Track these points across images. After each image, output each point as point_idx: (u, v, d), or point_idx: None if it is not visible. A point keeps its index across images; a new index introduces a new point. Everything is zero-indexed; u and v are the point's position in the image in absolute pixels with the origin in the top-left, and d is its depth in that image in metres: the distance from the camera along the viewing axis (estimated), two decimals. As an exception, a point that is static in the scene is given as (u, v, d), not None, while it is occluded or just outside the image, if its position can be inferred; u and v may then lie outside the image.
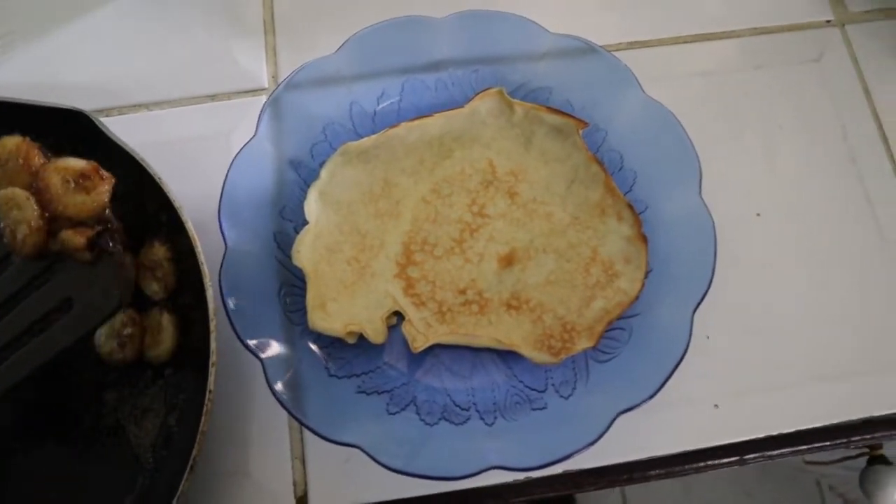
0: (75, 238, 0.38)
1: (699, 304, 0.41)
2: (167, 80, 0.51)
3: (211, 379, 0.39)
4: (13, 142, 0.40)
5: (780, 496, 1.26)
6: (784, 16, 0.53)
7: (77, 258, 0.38)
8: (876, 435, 0.47)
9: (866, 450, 0.64)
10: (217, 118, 0.50)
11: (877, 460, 0.63)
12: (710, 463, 0.44)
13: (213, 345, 0.39)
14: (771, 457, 0.46)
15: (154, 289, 0.43)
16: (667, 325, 0.41)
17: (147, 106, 0.50)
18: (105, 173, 0.40)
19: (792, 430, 0.44)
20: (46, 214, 0.39)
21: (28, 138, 0.40)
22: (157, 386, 0.43)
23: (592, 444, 0.38)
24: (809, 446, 0.46)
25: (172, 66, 0.51)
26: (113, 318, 0.42)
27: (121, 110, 0.50)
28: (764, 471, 1.18)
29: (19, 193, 0.39)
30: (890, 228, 0.48)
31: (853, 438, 0.47)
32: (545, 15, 0.47)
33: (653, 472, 0.44)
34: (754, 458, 0.45)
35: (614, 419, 0.39)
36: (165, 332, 0.42)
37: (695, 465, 0.45)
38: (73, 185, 0.39)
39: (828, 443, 0.46)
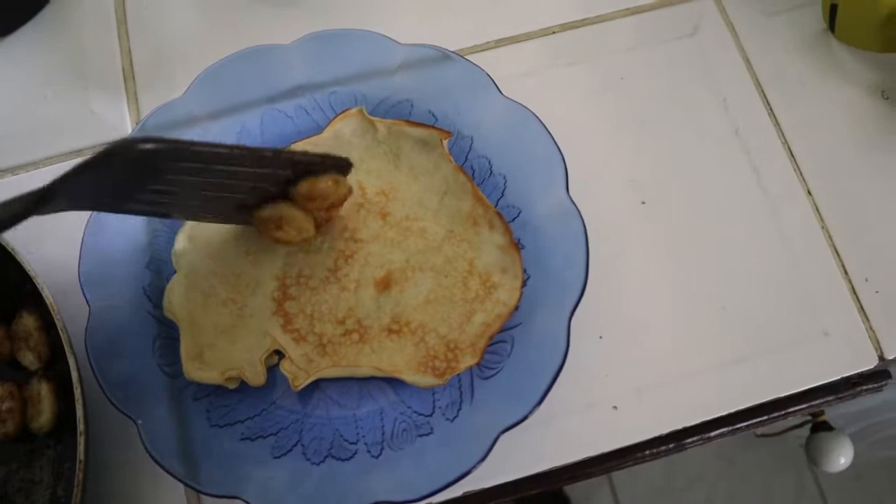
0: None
1: (575, 308, 0.39)
2: (29, 141, 0.49)
3: (80, 449, 0.38)
4: None
5: (762, 460, 1.25)
6: (655, -8, 0.52)
7: None
8: (813, 403, 0.46)
9: (809, 418, 0.63)
10: (83, 173, 0.48)
11: (820, 427, 0.62)
12: (647, 453, 0.44)
13: (79, 413, 0.38)
14: (709, 438, 0.45)
15: (29, 359, 0.43)
16: (545, 333, 0.40)
17: (11, 170, 0.49)
18: None
19: (696, 422, 0.43)
20: None
21: None
22: (45, 457, 0.43)
23: (476, 466, 0.37)
24: (748, 423, 0.45)
25: (32, 127, 0.50)
26: None
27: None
28: (745, 438, 1.18)
29: None
30: (779, 197, 0.47)
31: (789, 409, 0.46)
32: (395, 28, 0.45)
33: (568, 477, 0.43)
34: (692, 441, 0.44)
35: (497, 438, 0.38)
36: (45, 402, 0.42)
37: (626, 461, 0.44)
38: None
39: (765, 417, 0.46)
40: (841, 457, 0.61)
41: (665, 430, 0.43)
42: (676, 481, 1.26)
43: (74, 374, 0.39)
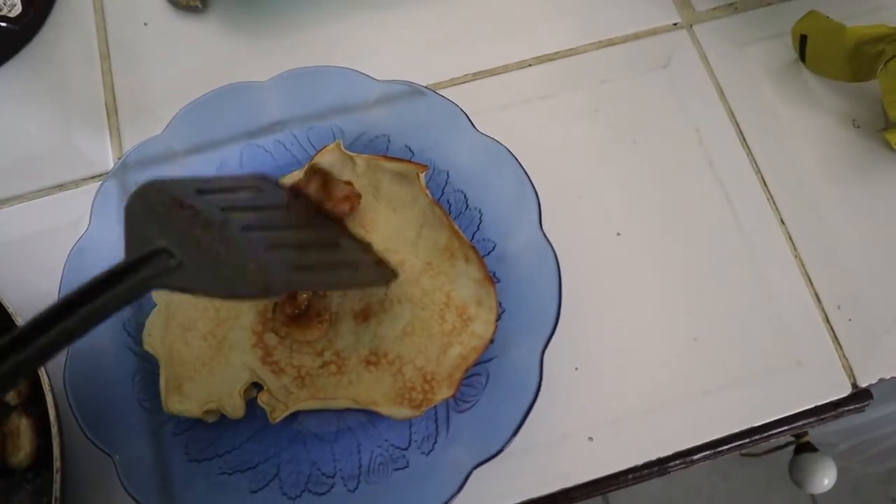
0: None
1: (548, 342, 0.40)
2: (12, 176, 0.50)
3: (56, 486, 0.38)
4: None
5: (757, 475, 1.25)
6: (629, 25, 0.52)
7: None
8: (795, 425, 0.46)
9: (793, 439, 0.64)
10: (66, 208, 0.49)
11: (804, 448, 0.62)
12: (630, 477, 0.44)
13: (56, 451, 0.39)
14: (693, 461, 0.45)
15: (10, 394, 0.43)
16: (519, 366, 0.40)
17: (-5, 204, 0.49)
18: None
19: (670, 452, 0.43)
20: None
21: None
22: (24, 491, 0.43)
23: (450, 500, 0.38)
24: (730, 446, 0.46)
25: (16, 162, 0.50)
26: None
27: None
28: (740, 454, 1.18)
29: None
30: (752, 227, 0.47)
31: (772, 432, 0.46)
32: (372, 63, 0.46)
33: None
34: (675, 465, 0.44)
35: (470, 472, 0.38)
36: (24, 437, 0.42)
37: (608, 486, 0.44)
38: None
39: (747, 440, 0.46)
40: (825, 478, 0.61)
41: (641, 461, 0.43)
42: (674, 494, 1.26)
43: (52, 412, 0.39)
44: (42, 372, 0.40)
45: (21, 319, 0.41)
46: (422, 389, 0.42)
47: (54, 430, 0.39)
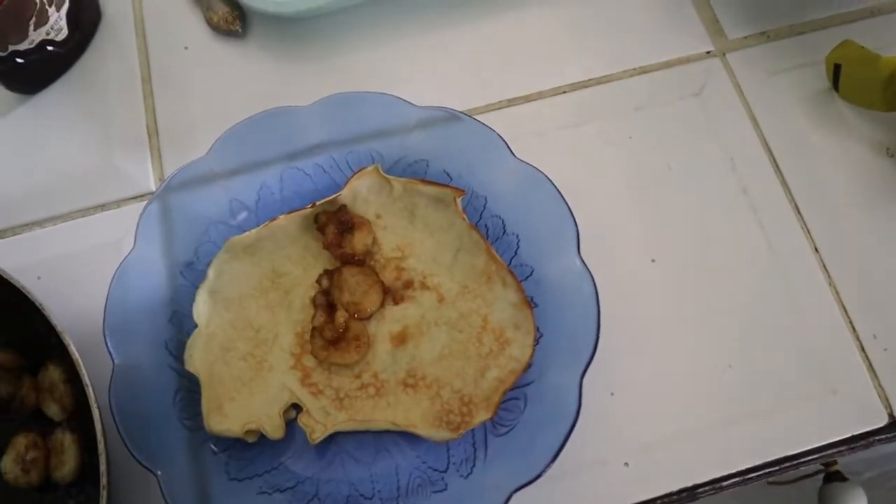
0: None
1: (586, 368, 0.40)
2: (55, 196, 0.51)
3: (103, 501, 0.39)
4: None
5: (779, 502, 1.24)
6: (662, 53, 0.53)
7: None
8: (825, 454, 0.46)
9: (822, 467, 0.63)
10: (108, 227, 0.50)
11: (833, 477, 0.62)
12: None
13: (102, 467, 0.39)
14: (721, 488, 0.45)
15: (54, 410, 0.44)
16: (557, 392, 0.41)
17: (39, 223, 0.50)
18: None
19: (706, 479, 0.43)
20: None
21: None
22: (68, 506, 0.43)
23: (489, 524, 0.38)
24: (760, 473, 0.46)
25: (58, 182, 0.51)
26: (16, 444, 0.42)
27: (13, 231, 0.50)
28: (767, 482, 1.16)
29: None
30: (786, 255, 0.48)
31: (801, 461, 0.46)
32: (410, 89, 0.47)
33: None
34: (704, 492, 0.44)
35: (510, 497, 0.38)
36: (68, 453, 0.43)
37: None
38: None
39: (776, 468, 0.46)
40: (854, 507, 0.60)
41: (675, 488, 0.43)
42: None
43: (98, 428, 0.39)
44: (88, 387, 0.40)
45: (67, 339, 0.42)
46: (459, 412, 0.42)
47: (101, 445, 0.39)
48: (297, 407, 0.43)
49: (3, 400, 0.44)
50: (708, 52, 0.53)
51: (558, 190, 0.44)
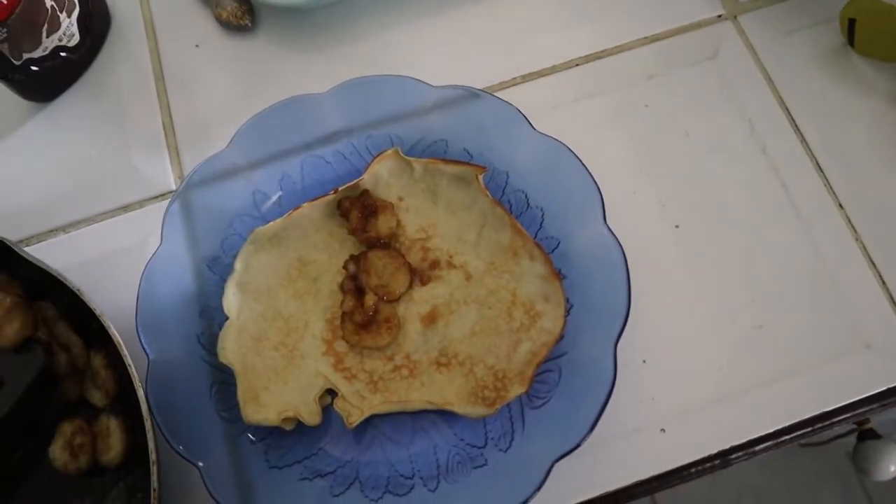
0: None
1: (620, 335, 0.40)
2: (79, 200, 0.51)
3: (154, 478, 0.39)
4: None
5: (807, 470, 1.24)
6: (673, 19, 0.53)
7: None
8: (858, 412, 0.46)
9: (854, 426, 0.63)
10: (133, 228, 0.50)
11: (866, 435, 0.62)
12: (693, 471, 0.44)
13: (150, 444, 0.39)
14: (754, 453, 0.45)
15: (97, 397, 0.44)
16: (592, 361, 0.41)
17: (63, 228, 0.51)
18: None
19: (743, 440, 0.43)
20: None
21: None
22: (117, 489, 0.44)
23: (533, 495, 0.38)
24: (793, 435, 0.46)
25: (80, 186, 0.52)
26: (63, 431, 0.43)
27: (38, 238, 0.51)
28: (789, 448, 1.16)
29: None
30: (810, 212, 0.47)
31: (834, 420, 0.46)
32: (425, 70, 0.47)
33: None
34: (737, 457, 0.44)
35: (551, 467, 0.38)
36: (114, 436, 0.43)
37: (672, 480, 0.44)
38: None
39: (809, 428, 0.46)
40: (891, 465, 0.60)
41: (713, 451, 0.43)
42: (722, 493, 1.25)
43: (144, 407, 0.39)
44: (131, 367, 0.40)
45: (107, 321, 0.41)
46: (494, 387, 0.42)
47: (147, 423, 0.39)
48: (331, 392, 0.44)
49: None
50: (719, 16, 0.53)
51: (580, 160, 0.43)
